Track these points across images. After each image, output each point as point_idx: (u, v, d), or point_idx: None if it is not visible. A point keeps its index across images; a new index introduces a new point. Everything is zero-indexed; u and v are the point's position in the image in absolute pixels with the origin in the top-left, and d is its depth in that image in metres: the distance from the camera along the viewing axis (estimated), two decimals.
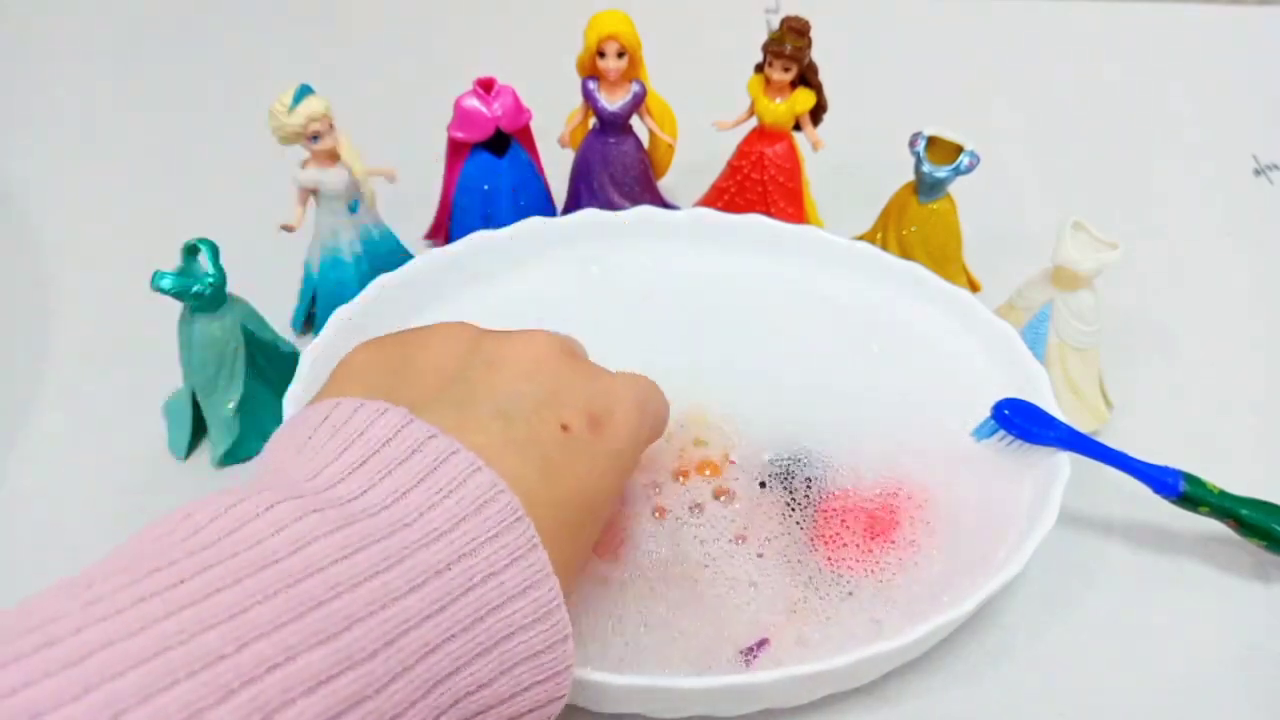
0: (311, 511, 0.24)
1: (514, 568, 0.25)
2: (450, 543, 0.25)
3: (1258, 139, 0.70)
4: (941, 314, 0.47)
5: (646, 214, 0.51)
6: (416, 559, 0.24)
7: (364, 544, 0.23)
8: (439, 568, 0.24)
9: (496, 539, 0.25)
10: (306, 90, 0.45)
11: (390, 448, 0.26)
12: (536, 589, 0.25)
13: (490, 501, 0.25)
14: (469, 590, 0.24)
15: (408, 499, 0.25)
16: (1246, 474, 0.47)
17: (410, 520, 0.25)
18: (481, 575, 0.25)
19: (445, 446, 0.26)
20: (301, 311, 0.53)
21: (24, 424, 0.48)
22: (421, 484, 0.25)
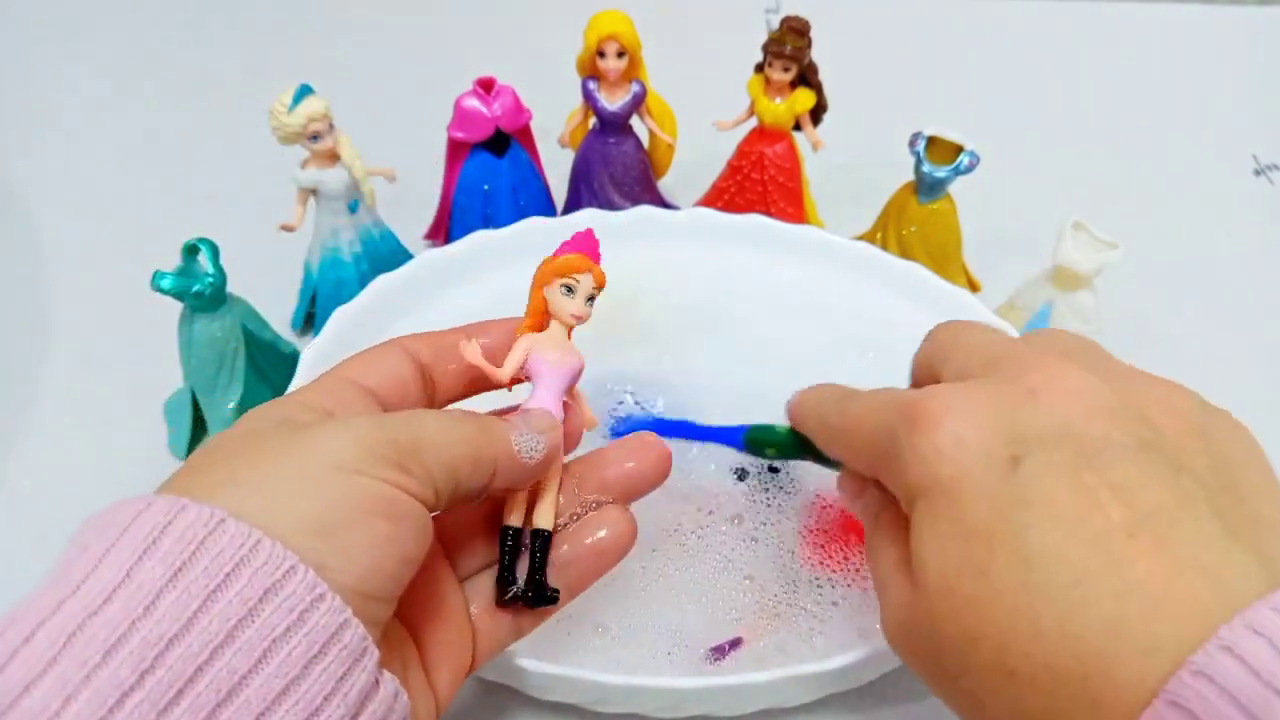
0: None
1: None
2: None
3: (1258, 139, 0.70)
4: (941, 314, 0.47)
5: (646, 214, 0.51)
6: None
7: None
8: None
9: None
10: (306, 90, 0.45)
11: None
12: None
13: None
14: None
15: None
16: None
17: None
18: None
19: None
20: (301, 311, 0.53)
21: (24, 424, 0.49)
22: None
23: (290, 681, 0.21)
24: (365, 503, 0.23)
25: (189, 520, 0.21)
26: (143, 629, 0.19)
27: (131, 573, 0.20)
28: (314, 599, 0.21)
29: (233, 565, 0.20)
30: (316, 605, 0.21)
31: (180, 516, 0.21)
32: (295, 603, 0.21)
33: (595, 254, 0.31)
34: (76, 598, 0.20)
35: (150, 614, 0.20)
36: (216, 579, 0.20)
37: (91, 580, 0.20)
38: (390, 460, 0.24)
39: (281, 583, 0.21)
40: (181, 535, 0.21)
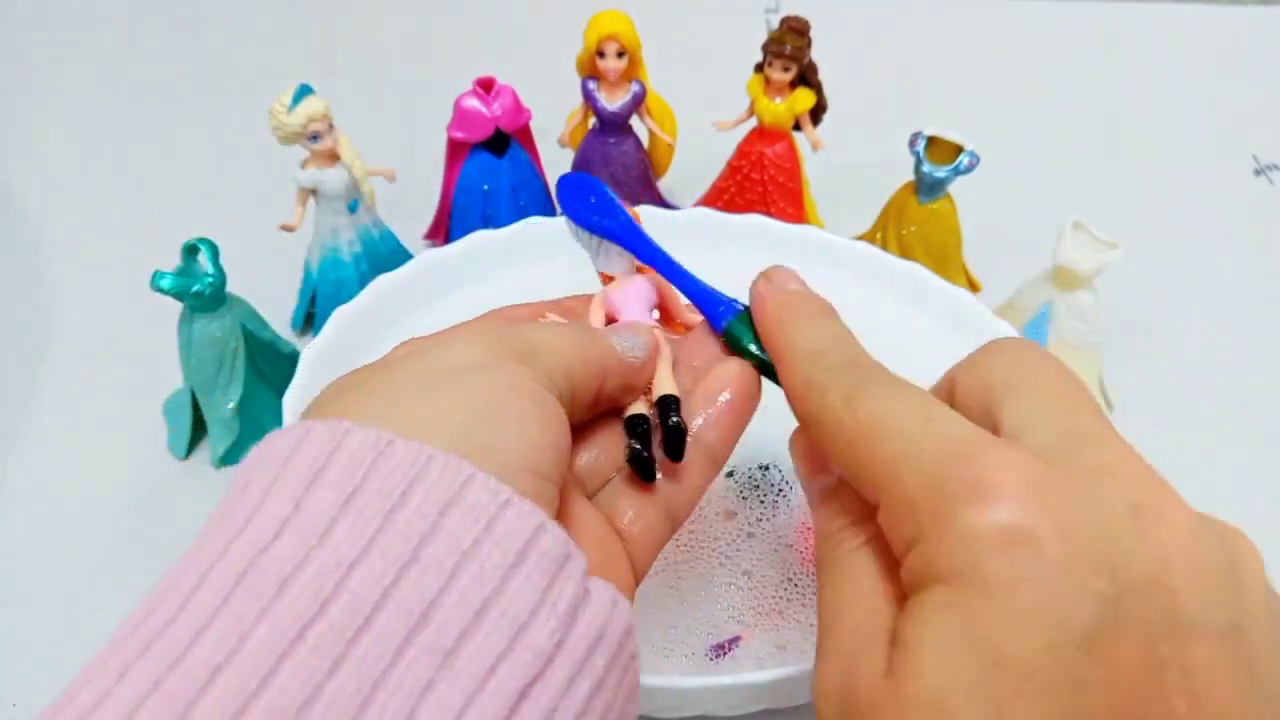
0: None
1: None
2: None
3: (1258, 139, 0.70)
4: (941, 314, 0.47)
5: (646, 214, 0.51)
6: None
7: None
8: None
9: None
10: (306, 90, 0.45)
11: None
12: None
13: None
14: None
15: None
16: (1247, 473, 0.47)
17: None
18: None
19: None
20: (301, 311, 0.53)
21: (24, 424, 0.49)
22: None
23: (490, 594, 0.19)
24: (509, 388, 0.22)
25: (355, 444, 0.19)
26: (319, 558, 0.18)
27: (301, 503, 0.19)
28: (500, 504, 0.19)
29: (407, 483, 0.19)
30: (504, 511, 0.19)
31: (345, 441, 0.19)
32: (480, 512, 0.19)
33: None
34: (244, 536, 0.19)
35: (326, 542, 0.18)
36: (392, 499, 0.19)
37: (259, 516, 0.19)
38: (514, 357, 0.23)
39: (461, 493, 0.19)
40: (350, 460, 0.19)
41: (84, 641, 0.40)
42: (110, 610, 0.40)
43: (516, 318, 0.29)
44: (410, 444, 0.19)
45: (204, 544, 0.19)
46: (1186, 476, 0.50)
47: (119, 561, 0.43)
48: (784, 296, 0.28)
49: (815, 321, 0.26)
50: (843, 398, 0.23)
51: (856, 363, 0.25)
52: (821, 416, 0.24)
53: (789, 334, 0.26)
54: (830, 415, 0.23)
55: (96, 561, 0.43)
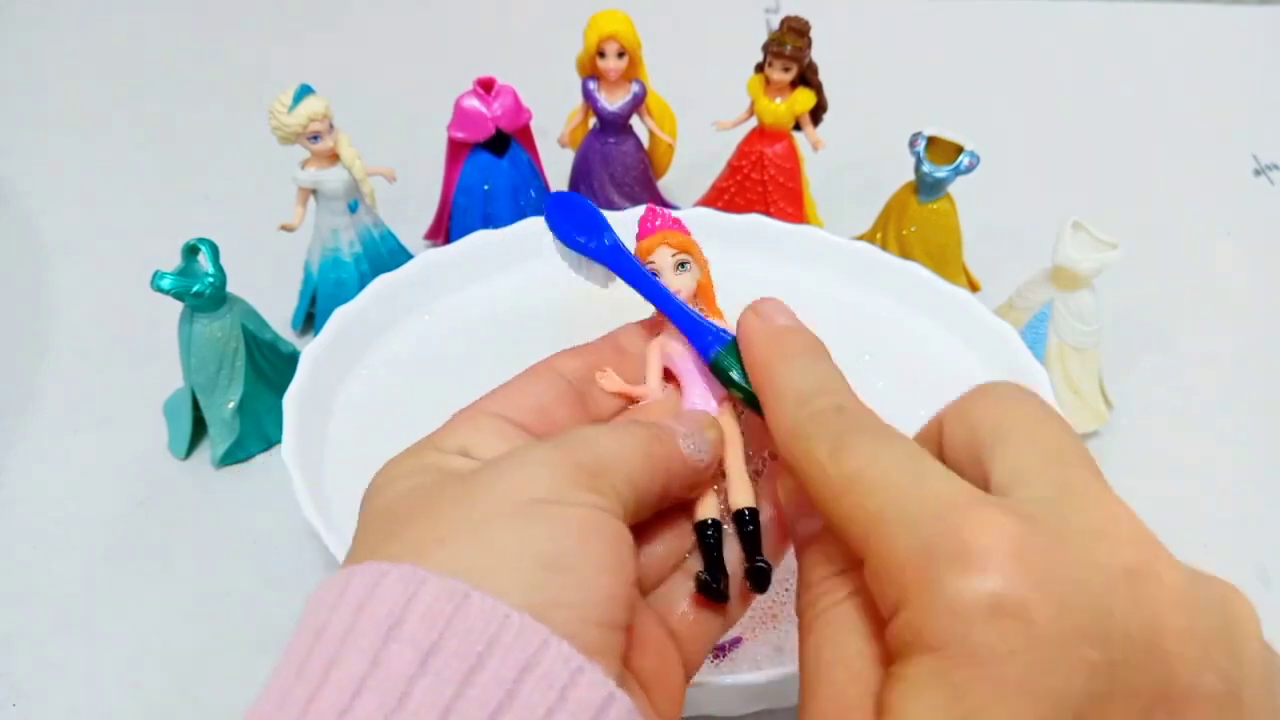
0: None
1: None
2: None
3: (1258, 139, 0.70)
4: (941, 314, 0.47)
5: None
6: None
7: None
8: None
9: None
10: (306, 90, 0.45)
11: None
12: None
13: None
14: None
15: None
16: (1246, 473, 0.47)
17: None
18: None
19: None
20: (301, 311, 0.53)
21: (24, 424, 0.49)
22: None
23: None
24: (579, 530, 0.21)
25: (431, 595, 0.19)
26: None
27: (379, 659, 0.18)
28: (573, 672, 0.19)
29: (485, 644, 0.18)
30: (577, 679, 0.19)
31: (421, 591, 0.19)
32: (554, 680, 0.19)
33: (657, 226, 0.31)
34: (324, 692, 0.18)
35: (405, 705, 0.18)
36: (469, 660, 0.18)
37: (336, 672, 0.18)
38: (584, 484, 0.22)
39: (537, 658, 0.19)
40: (427, 613, 0.19)
41: (84, 641, 0.40)
42: (110, 610, 0.41)
43: (569, 372, 0.28)
44: (487, 600, 0.19)
45: (283, 692, 0.19)
46: (1186, 476, 0.51)
47: (119, 561, 0.43)
48: (772, 332, 0.26)
49: (803, 361, 0.25)
50: (829, 448, 0.22)
51: (843, 409, 0.23)
52: (807, 466, 0.22)
53: (775, 373, 0.25)
54: (816, 466, 0.22)
55: (96, 561, 0.43)
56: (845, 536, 0.21)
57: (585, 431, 0.24)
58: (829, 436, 0.22)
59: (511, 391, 0.27)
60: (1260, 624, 0.20)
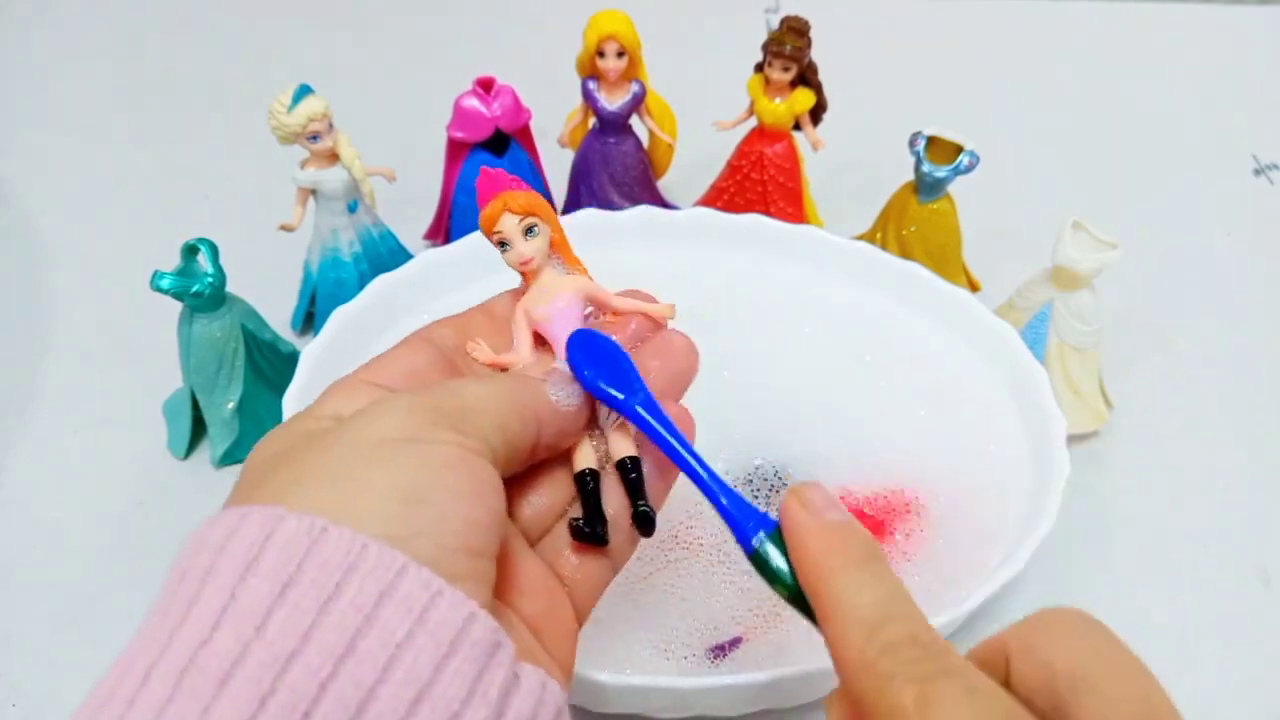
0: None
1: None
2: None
3: (1258, 139, 0.70)
4: (941, 314, 0.47)
5: (646, 214, 0.51)
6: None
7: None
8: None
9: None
10: (306, 90, 0.45)
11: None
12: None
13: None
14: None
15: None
16: (1247, 473, 0.47)
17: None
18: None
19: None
20: (301, 311, 0.53)
21: (24, 424, 0.49)
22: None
23: (423, 687, 0.19)
24: (438, 464, 0.22)
25: (289, 531, 0.20)
26: (257, 652, 0.18)
27: (237, 593, 0.19)
28: (432, 595, 0.19)
29: (342, 573, 0.19)
30: (436, 602, 0.19)
31: (279, 528, 0.20)
32: (413, 603, 0.19)
33: (495, 189, 0.29)
34: (184, 629, 0.19)
35: (263, 635, 0.18)
36: (327, 589, 0.19)
37: (197, 607, 0.19)
38: (444, 424, 0.23)
39: (395, 583, 0.19)
40: (284, 548, 0.19)
41: (84, 641, 0.40)
42: (110, 610, 0.41)
43: (441, 340, 0.29)
44: (344, 532, 0.19)
45: (148, 636, 0.19)
46: (1186, 476, 0.51)
47: (119, 561, 0.43)
48: (826, 531, 0.24)
49: (866, 572, 0.23)
50: (914, 696, 0.20)
51: (920, 642, 0.21)
52: (885, 710, 0.20)
53: (835, 587, 0.22)
54: (898, 714, 0.20)
55: (96, 561, 0.43)
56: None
57: (450, 382, 0.25)
58: (913, 679, 0.20)
59: (386, 360, 0.28)
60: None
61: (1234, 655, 0.40)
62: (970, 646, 0.23)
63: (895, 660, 0.21)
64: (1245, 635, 0.41)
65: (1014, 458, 0.42)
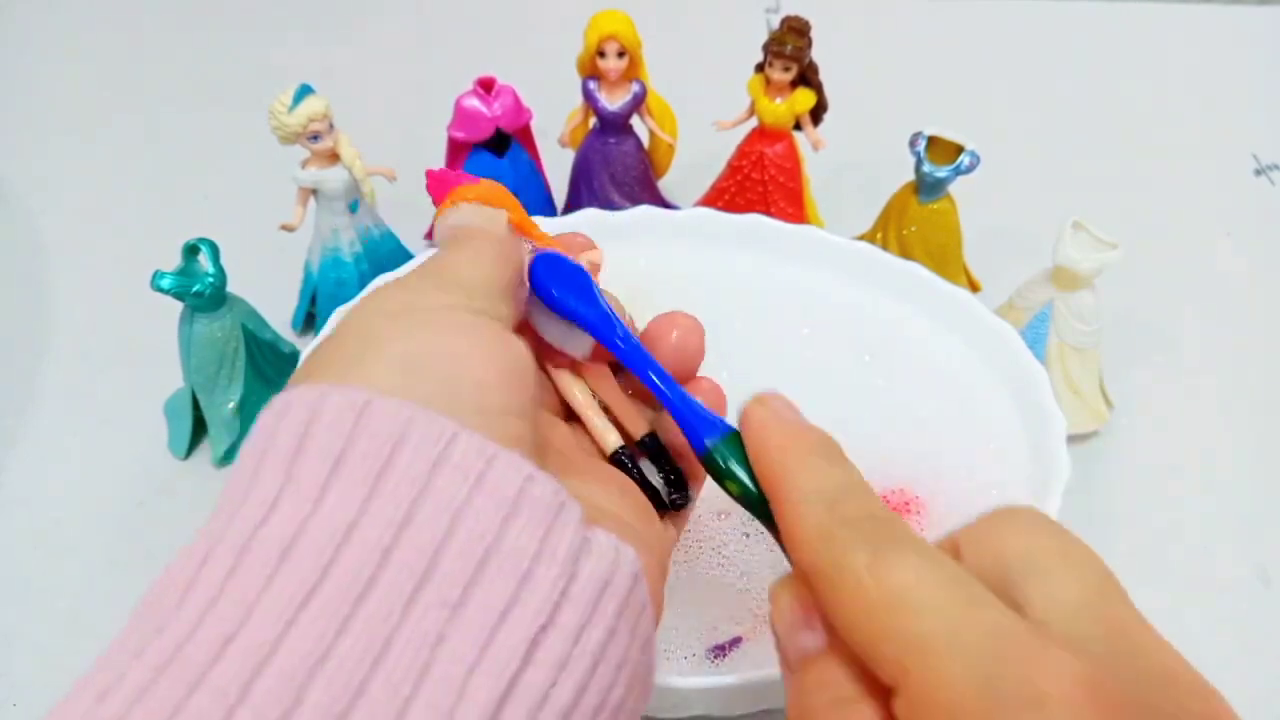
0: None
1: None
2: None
3: (1258, 139, 0.70)
4: (941, 314, 0.47)
5: (646, 214, 0.51)
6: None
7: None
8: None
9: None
10: (306, 90, 0.45)
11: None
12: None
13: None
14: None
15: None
16: (1247, 473, 0.47)
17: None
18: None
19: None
20: (301, 311, 0.53)
21: (24, 424, 0.49)
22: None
23: (489, 546, 0.19)
24: (435, 329, 0.22)
25: (334, 408, 0.20)
26: (314, 526, 0.18)
27: (291, 473, 0.19)
28: (488, 459, 0.19)
29: (392, 445, 0.19)
30: (492, 464, 0.19)
31: (323, 405, 0.20)
32: (468, 469, 0.19)
33: (445, 190, 0.29)
34: (243, 512, 0.19)
35: (320, 509, 0.18)
36: (379, 461, 0.19)
37: (254, 491, 0.19)
38: (439, 288, 0.23)
39: (447, 452, 0.19)
40: (331, 425, 0.19)
41: (84, 641, 0.40)
42: (110, 610, 0.41)
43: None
44: (389, 403, 0.20)
45: (210, 526, 0.20)
46: (1186, 476, 0.50)
47: (119, 561, 0.43)
48: (787, 426, 0.24)
49: (824, 460, 0.23)
50: (867, 558, 0.20)
51: (877, 517, 0.21)
52: (836, 576, 0.20)
53: (794, 471, 0.23)
54: (849, 576, 0.20)
55: (96, 561, 0.43)
56: (874, 658, 0.19)
57: (438, 254, 0.25)
58: (867, 545, 0.20)
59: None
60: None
61: (1234, 655, 0.40)
62: None
63: (852, 530, 0.21)
64: (1245, 635, 0.41)
65: (1014, 458, 0.42)
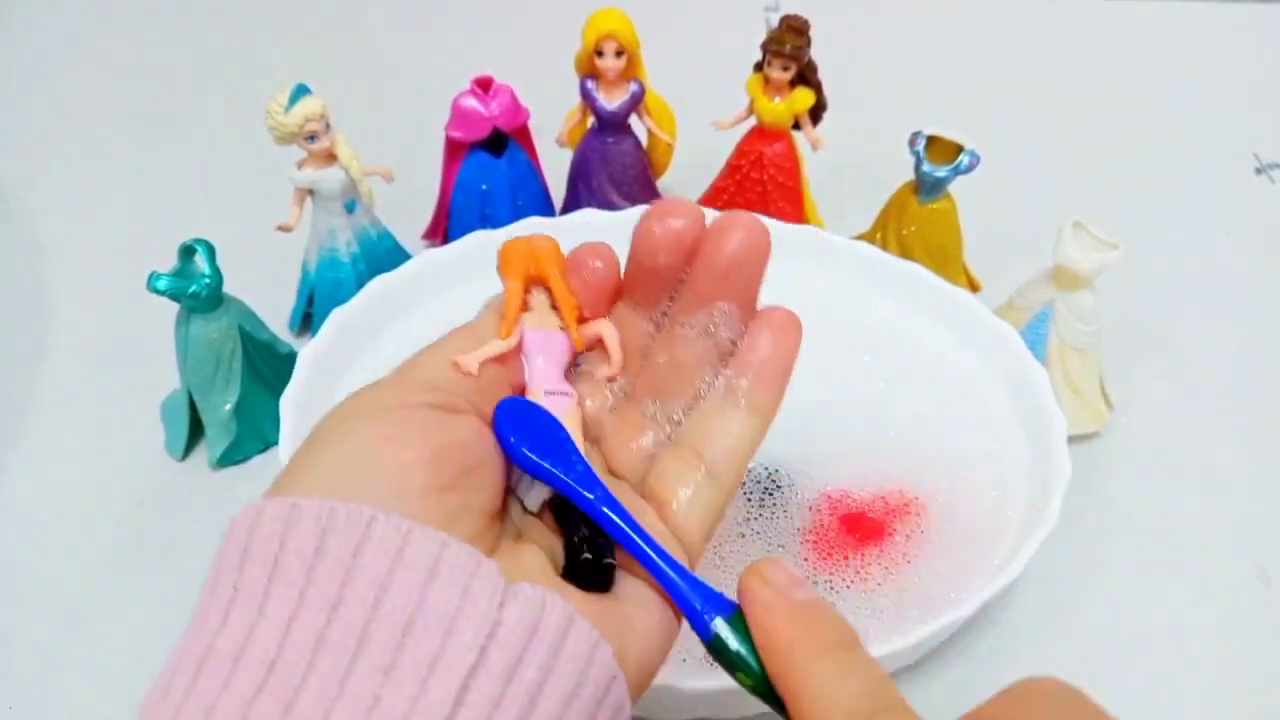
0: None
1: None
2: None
3: (1258, 139, 0.70)
4: (941, 314, 0.47)
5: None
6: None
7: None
8: None
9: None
10: (303, 90, 0.45)
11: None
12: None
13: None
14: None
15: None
16: (1247, 473, 0.47)
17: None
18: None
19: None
20: (299, 312, 0.53)
21: (24, 424, 0.48)
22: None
23: (412, 611, 0.20)
24: (372, 425, 0.23)
25: (268, 519, 0.21)
26: (259, 631, 0.20)
27: (239, 584, 0.20)
28: (404, 534, 0.20)
29: (318, 539, 0.20)
30: (409, 538, 0.20)
31: (260, 518, 0.21)
32: (388, 546, 0.20)
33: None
34: (204, 627, 0.20)
35: (263, 614, 0.20)
36: (309, 556, 0.20)
37: (212, 607, 0.21)
38: (390, 389, 0.24)
39: (367, 534, 0.20)
40: (267, 534, 0.21)
41: (84, 641, 0.40)
42: (110, 610, 0.41)
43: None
44: (311, 502, 0.21)
45: (183, 639, 0.21)
46: (1186, 476, 0.50)
47: (118, 561, 0.43)
48: (795, 612, 0.22)
49: (846, 660, 0.21)
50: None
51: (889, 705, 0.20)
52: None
53: (815, 676, 0.21)
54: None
55: (96, 561, 0.43)
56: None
57: (409, 359, 0.25)
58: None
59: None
60: None
61: (1234, 655, 0.40)
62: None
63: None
64: (1245, 635, 0.41)
65: (1014, 458, 0.42)
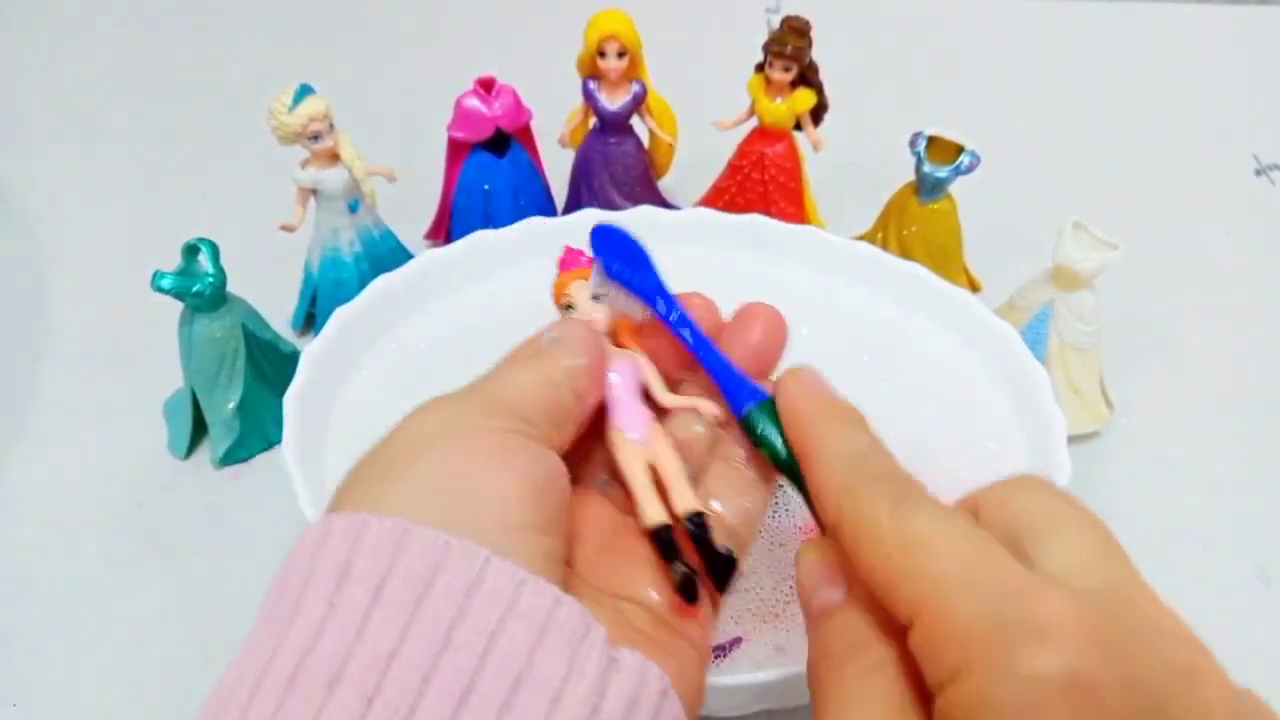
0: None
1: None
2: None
3: (1258, 139, 0.70)
4: (941, 314, 0.47)
5: (647, 214, 0.51)
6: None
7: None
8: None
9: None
10: (307, 90, 0.45)
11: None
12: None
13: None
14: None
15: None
16: (1247, 473, 0.47)
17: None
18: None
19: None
20: (301, 311, 0.53)
21: (24, 424, 0.48)
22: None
23: (520, 669, 0.19)
24: (466, 451, 0.23)
25: (374, 537, 0.20)
26: (359, 655, 0.19)
27: (334, 602, 0.20)
28: (518, 583, 0.20)
29: (430, 572, 0.20)
30: (522, 589, 0.20)
31: (364, 533, 0.21)
32: (501, 594, 0.20)
33: (568, 264, 0.31)
34: (289, 640, 0.20)
35: (362, 638, 0.19)
36: (419, 588, 0.20)
37: (299, 618, 0.20)
38: (475, 412, 0.24)
39: (481, 576, 0.20)
40: (373, 553, 0.20)
41: (84, 641, 0.40)
42: (110, 610, 0.41)
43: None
44: (427, 531, 0.20)
45: (254, 647, 0.20)
46: (1186, 476, 0.50)
47: (119, 561, 0.43)
48: (818, 396, 0.26)
49: (852, 427, 0.25)
50: (889, 507, 0.22)
51: (896, 475, 0.24)
52: (859, 523, 0.22)
53: (825, 434, 0.25)
54: (870, 523, 0.22)
55: (96, 561, 0.43)
56: (891, 597, 0.21)
57: (487, 374, 0.26)
58: (888, 498, 0.22)
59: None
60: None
61: (1234, 655, 0.40)
62: None
63: (875, 483, 0.23)
64: (1245, 635, 0.41)
65: (1014, 458, 0.42)
